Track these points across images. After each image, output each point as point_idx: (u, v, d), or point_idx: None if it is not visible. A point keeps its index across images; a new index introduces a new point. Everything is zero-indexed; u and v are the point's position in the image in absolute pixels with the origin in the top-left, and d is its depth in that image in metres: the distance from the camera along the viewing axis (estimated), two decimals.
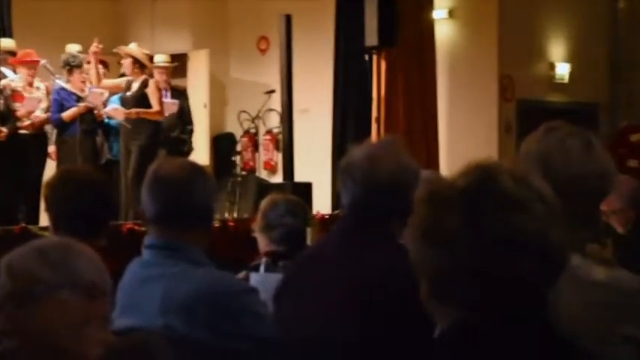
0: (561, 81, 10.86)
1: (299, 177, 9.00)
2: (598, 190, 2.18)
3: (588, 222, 2.22)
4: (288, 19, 8.90)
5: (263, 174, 11.50)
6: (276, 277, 2.91)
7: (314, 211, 8.20)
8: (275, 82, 9.81)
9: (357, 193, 2.53)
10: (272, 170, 11.59)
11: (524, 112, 10.39)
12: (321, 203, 8.71)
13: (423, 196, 1.60)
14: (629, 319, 2.09)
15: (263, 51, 11.70)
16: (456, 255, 1.54)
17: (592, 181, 2.16)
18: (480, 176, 1.58)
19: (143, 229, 5.34)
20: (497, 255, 1.52)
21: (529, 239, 1.53)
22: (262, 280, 3.36)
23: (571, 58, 10.90)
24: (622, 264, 4.72)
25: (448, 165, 10.06)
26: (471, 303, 1.55)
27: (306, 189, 8.45)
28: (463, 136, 10.29)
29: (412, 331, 1.91)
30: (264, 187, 9.25)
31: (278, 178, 10.48)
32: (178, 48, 11.32)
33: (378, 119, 9.76)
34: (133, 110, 8.47)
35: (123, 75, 9.07)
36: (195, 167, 2.79)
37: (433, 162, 9.83)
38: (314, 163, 9.52)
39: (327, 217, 8.25)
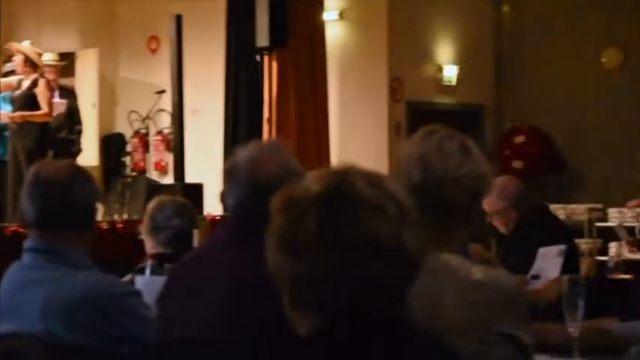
0: (449, 83, 11.06)
1: (190, 178, 8.94)
2: (475, 190, 2.23)
3: (467, 222, 2.27)
4: (179, 19, 8.83)
5: (154, 175, 11.37)
6: (161, 280, 2.88)
7: (205, 213, 8.15)
8: (166, 82, 9.72)
9: (240, 195, 2.53)
10: (163, 171, 11.48)
11: (414, 113, 10.54)
12: (213, 204, 8.66)
13: (278, 203, 1.60)
14: (506, 318, 2.14)
15: (153, 51, 11.58)
16: (312, 260, 1.55)
17: (469, 182, 2.21)
18: (334, 181, 1.60)
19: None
20: (354, 258, 1.54)
21: (384, 241, 1.56)
22: (147, 283, 3.32)
23: (458, 61, 11.11)
24: (504, 264, 4.84)
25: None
26: (330, 307, 1.56)
27: (197, 190, 8.41)
28: (354, 136, 10.38)
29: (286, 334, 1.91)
30: (155, 188, 9.15)
31: (169, 179, 10.39)
32: (66, 46, 11.10)
33: (269, 120, 9.77)
34: (17, 114, 8.30)
35: (7, 73, 8.87)
36: (76, 169, 2.75)
37: (324, 162, 9.89)
38: (205, 164, 9.46)
39: (218, 218, 8.21)
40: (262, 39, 8.89)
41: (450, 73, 11.03)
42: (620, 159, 10.32)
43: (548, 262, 4.41)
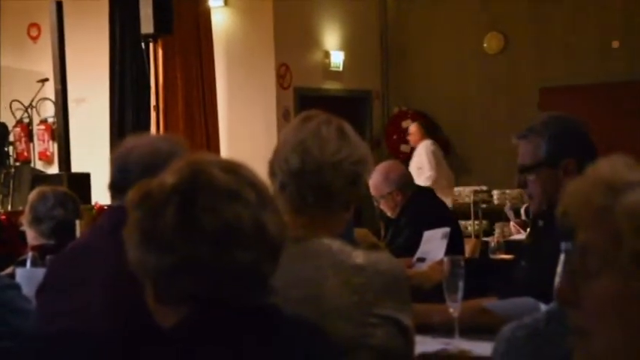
0: (336, 69, 11.12)
1: (77, 167, 8.77)
2: (354, 174, 2.25)
3: (348, 206, 2.29)
4: (59, 6, 8.62)
5: (39, 165, 11.11)
6: (42, 272, 2.82)
7: (92, 202, 8.02)
8: (48, 70, 9.50)
9: (116, 180, 2.51)
10: (48, 161, 11.23)
11: (302, 99, 10.58)
12: (100, 194, 8.52)
13: (135, 197, 1.59)
14: (387, 301, 2.16)
15: (34, 38, 11.30)
16: (174, 253, 1.54)
17: (347, 166, 2.22)
18: (189, 171, 1.59)
19: None
20: (215, 247, 1.54)
21: (244, 227, 1.57)
22: (28, 275, 3.25)
23: (345, 47, 11.18)
24: (391, 247, 4.89)
25: (229, 152, 10.10)
26: (195, 297, 1.56)
27: (84, 180, 8.25)
28: (243, 123, 10.35)
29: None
30: (40, 178, 8.95)
31: (55, 169, 10.18)
32: None
33: (157, 108, 9.65)
34: None
35: None
36: None
37: (214, 149, 9.83)
38: (92, 153, 9.30)
39: (105, 207, 8.08)
40: (147, 26, 8.76)
41: (337, 59, 11.10)
42: (503, 142, 10.51)
43: (433, 244, 4.49)
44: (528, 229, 3.75)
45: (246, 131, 10.16)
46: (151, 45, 9.41)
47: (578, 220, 1.27)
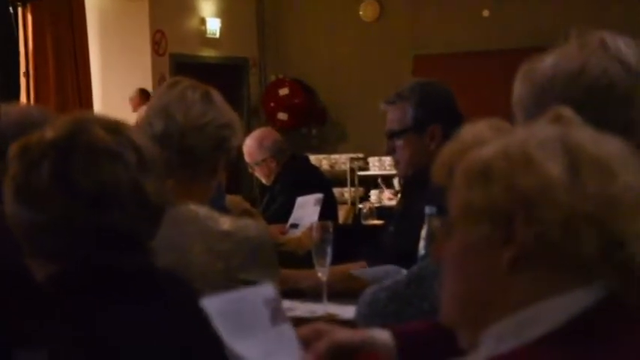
0: (213, 36, 11.02)
1: None
2: (219, 139, 2.25)
3: (216, 172, 2.29)
4: None
5: None
6: None
7: None
8: None
9: None
10: None
11: (178, 66, 10.45)
12: None
13: (14, 151, 1.56)
14: (253, 266, 2.18)
15: None
16: (47, 209, 1.52)
17: (212, 130, 2.22)
18: (70, 128, 1.56)
19: None
20: (89, 206, 1.53)
21: (123, 189, 1.55)
22: None
23: (221, 14, 11.09)
24: (266, 213, 4.90)
25: None
26: (65, 256, 1.54)
27: None
28: (118, 90, 10.16)
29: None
30: None
31: None
32: None
33: (27, 74, 9.39)
34: None
35: None
36: None
37: None
38: None
39: None
40: None
41: (213, 26, 10.99)
42: (379, 109, 10.67)
43: (307, 210, 4.53)
44: (399, 196, 3.82)
45: (121, 98, 9.99)
46: (20, 10, 9.15)
47: (440, 183, 1.30)
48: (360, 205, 6.77)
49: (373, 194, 9.99)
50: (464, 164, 1.22)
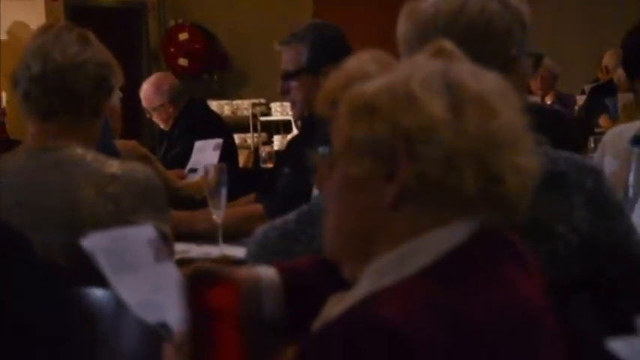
0: None
1: None
2: (100, 78, 2.24)
3: (99, 114, 2.28)
4: None
5: None
6: None
7: None
8: None
9: None
10: None
11: (73, 11, 10.19)
12: None
13: None
14: (143, 208, 2.16)
15: None
16: None
17: (92, 68, 2.21)
18: None
19: None
20: None
21: None
22: None
23: None
24: (165, 158, 4.85)
25: None
26: None
27: None
28: (9, 36, 9.89)
29: None
30: None
31: None
32: None
33: None
34: None
35: None
36: None
37: None
38: None
39: None
40: None
41: None
42: (280, 54, 10.62)
43: (206, 155, 4.51)
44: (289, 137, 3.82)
45: (12, 45, 9.72)
46: None
47: (323, 115, 1.29)
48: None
49: (276, 139, 9.99)
50: (348, 98, 1.22)
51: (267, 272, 1.42)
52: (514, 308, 1.13)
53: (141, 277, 1.32)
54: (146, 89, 5.10)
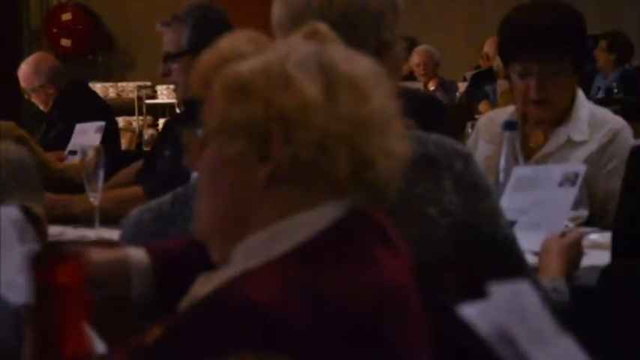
0: None
1: None
2: None
3: None
4: None
5: None
6: None
7: None
8: None
9: None
10: None
11: None
12: None
13: None
14: (15, 189, 2.12)
15: None
16: None
17: None
18: None
19: None
20: None
21: None
22: None
23: None
24: (44, 140, 4.74)
25: None
26: None
27: None
28: None
29: None
30: None
31: None
32: None
33: None
34: None
35: None
36: None
37: None
38: None
39: None
40: None
41: None
42: None
43: (87, 137, 4.45)
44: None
45: None
46: None
47: (196, 95, 1.29)
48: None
49: (162, 122, 9.89)
50: (222, 78, 1.21)
51: (137, 253, 1.41)
52: (379, 287, 1.15)
53: (4, 258, 1.29)
54: (24, 70, 4.99)
